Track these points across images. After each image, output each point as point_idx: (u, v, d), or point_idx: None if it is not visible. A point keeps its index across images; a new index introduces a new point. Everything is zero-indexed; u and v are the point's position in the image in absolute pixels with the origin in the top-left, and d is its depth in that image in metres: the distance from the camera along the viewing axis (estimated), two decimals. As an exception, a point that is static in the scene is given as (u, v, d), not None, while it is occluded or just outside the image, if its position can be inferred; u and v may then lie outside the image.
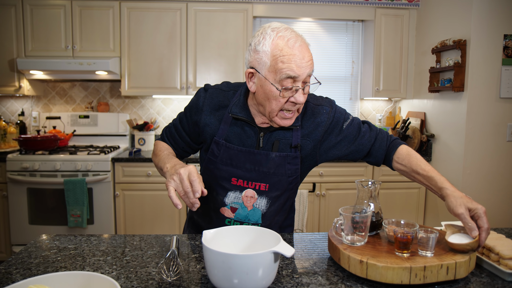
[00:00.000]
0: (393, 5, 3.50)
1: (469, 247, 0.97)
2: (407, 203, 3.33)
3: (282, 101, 1.15)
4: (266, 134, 1.27)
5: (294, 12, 3.53)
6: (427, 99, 3.37)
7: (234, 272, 0.86)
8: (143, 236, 1.34)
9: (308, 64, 1.13)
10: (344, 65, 3.90)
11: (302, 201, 3.19)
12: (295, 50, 1.11)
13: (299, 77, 1.11)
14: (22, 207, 3.04)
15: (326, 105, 1.33)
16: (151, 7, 3.32)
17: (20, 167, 3.00)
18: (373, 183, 1.15)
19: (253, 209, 1.29)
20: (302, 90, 1.14)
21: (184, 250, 1.21)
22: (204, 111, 1.30)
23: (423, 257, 0.96)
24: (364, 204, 1.15)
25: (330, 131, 1.31)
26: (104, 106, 3.66)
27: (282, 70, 1.10)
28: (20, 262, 1.13)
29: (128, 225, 3.18)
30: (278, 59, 1.11)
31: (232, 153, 1.27)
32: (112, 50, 3.33)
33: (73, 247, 1.24)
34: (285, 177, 1.28)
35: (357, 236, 1.05)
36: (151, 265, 1.10)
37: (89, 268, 1.09)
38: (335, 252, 1.05)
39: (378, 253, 0.99)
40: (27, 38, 3.27)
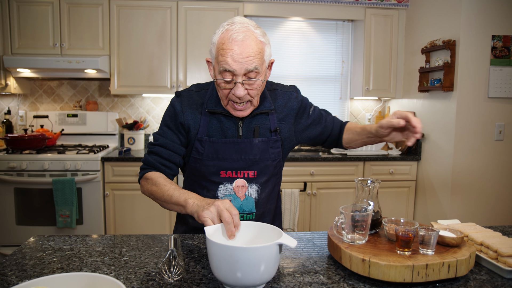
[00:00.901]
0: (382, 5, 3.54)
1: (455, 241, 1.01)
2: (397, 202, 3.37)
3: (225, 92, 1.22)
4: (244, 122, 1.32)
5: (284, 12, 3.54)
6: (416, 99, 3.41)
7: (242, 265, 0.87)
8: (139, 236, 1.32)
9: (247, 60, 1.15)
10: (334, 64, 3.92)
11: (293, 200, 3.20)
12: (234, 44, 1.15)
13: (236, 71, 1.16)
14: (9, 208, 2.98)
15: (293, 90, 1.44)
16: (141, 5, 3.28)
17: (7, 166, 2.94)
18: (373, 182, 1.15)
19: (246, 198, 1.34)
20: (242, 85, 1.18)
21: (182, 250, 1.20)
22: (185, 112, 1.32)
23: (424, 255, 0.97)
24: (364, 203, 1.16)
25: (300, 115, 1.42)
26: (93, 105, 3.61)
27: (220, 62, 1.17)
28: (15, 263, 1.10)
29: (118, 225, 3.14)
30: (219, 52, 1.18)
31: (217, 146, 1.30)
32: (101, 48, 3.28)
33: (69, 247, 1.22)
34: (270, 161, 1.35)
35: (357, 234, 1.06)
36: (150, 265, 1.09)
37: (86, 269, 1.07)
38: (336, 251, 1.06)
39: (379, 251, 1.00)
40: (14, 35, 3.20)
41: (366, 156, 3.27)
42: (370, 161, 3.29)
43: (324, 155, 3.31)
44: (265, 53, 1.22)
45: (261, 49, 1.19)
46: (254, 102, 1.26)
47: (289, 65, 3.87)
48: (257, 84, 1.21)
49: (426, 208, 3.24)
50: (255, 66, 1.17)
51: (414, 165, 3.35)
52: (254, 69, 1.17)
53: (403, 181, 3.35)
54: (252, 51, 1.16)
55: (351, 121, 3.92)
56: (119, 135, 3.66)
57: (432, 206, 3.16)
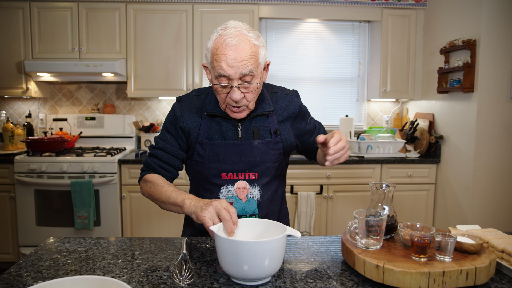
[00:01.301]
0: (400, 5, 3.48)
1: (473, 248, 0.97)
2: (415, 206, 3.30)
3: (222, 96, 1.23)
4: (243, 124, 1.33)
5: (300, 13, 3.52)
6: (435, 100, 3.33)
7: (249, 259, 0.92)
8: (153, 239, 1.33)
9: (241, 64, 1.16)
10: (351, 66, 3.88)
11: (309, 203, 3.17)
12: (227, 49, 1.15)
13: (231, 76, 1.17)
14: (30, 209, 3.05)
15: (293, 94, 1.43)
16: (157, 8, 3.32)
17: (28, 168, 3.01)
18: (388, 186, 1.13)
19: (248, 200, 1.34)
20: (238, 89, 1.19)
21: (194, 254, 1.20)
22: (185, 117, 1.35)
23: (441, 262, 0.94)
24: (378, 207, 1.13)
25: (299, 120, 1.42)
26: (110, 108, 3.66)
27: (216, 68, 1.18)
28: (31, 264, 1.12)
29: (135, 227, 3.17)
30: (214, 58, 1.19)
31: (217, 149, 1.32)
32: (118, 52, 3.32)
33: (83, 249, 1.23)
34: (271, 163, 1.35)
35: (372, 240, 1.03)
36: (162, 268, 1.09)
37: (99, 271, 1.07)
38: (350, 256, 1.03)
39: (394, 257, 0.97)
40: (34, 41, 3.27)
41: (384, 159, 3.22)
42: (387, 164, 3.23)
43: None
44: (260, 55, 1.22)
45: (255, 52, 1.19)
46: (250, 105, 1.27)
47: (305, 67, 3.84)
48: (253, 87, 1.22)
49: (446, 212, 3.16)
50: (249, 70, 1.17)
51: (433, 168, 3.27)
52: (249, 73, 1.18)
53: (422, 184, 3.28)
54: (246, 55, 1.16)
55: (369, 123, 3.88)
56: (136, 137, 3.70)
57: (453, 210, 3.08)
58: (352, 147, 3.43)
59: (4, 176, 3.06)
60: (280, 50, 3.81)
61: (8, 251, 3.14)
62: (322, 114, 3.89)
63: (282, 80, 3.84)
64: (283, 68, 3.83)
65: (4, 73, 3.29)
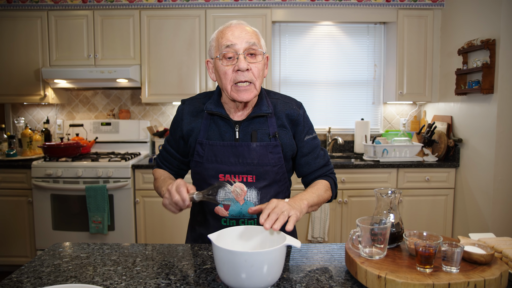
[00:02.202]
0: (416, 5, 3.40)
1: (483, 258, 0.91)
2: (433, 212, 3.20)
3: (228, 71, 1.25)
4: (241, 126, 1.34)
5: (313, 16, 3.48)
6: (453, 102, 3.23)
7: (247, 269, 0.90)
8: (155, 246, 1.32)
9: (245, 34, 1.24)
10: (366, 68, 3.81)
11: (323, 208, 3.11)
12: (232, 27, 1.26)
13: (236, 45, 1.23)
14: (46, 213, 3.10)
15: (293, 103, 1.42)
16: (170, 14, 3.34)
17: (44, 173, 3.06)
18: (393, 192, 1.08)
19: (245, 202, 1.33)
20: (244, 58, 1.23)
21: (195, 261, 1.18)
22: (184, 119, 1.39)
23: (448, 273, 0.89)
24: (384, 215, 1.09)
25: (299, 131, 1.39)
26: (125, 113, 3.71)
27: (221, 42, 1.25)
28: (32, 270, 1.13)
29: (148, 232, 3.19)
30: (219, 38, 1.27)
31: (215, 149, 1.33)
32: (132, 58, 3.36)
33: (85, 256, 1.23)
34: (270, 166, 1.33)
35: (375, 248, 0.99)
36: (161, 276, 1.07)
37: (98, 278, 1.07)
38: (352, 266, 0.99)
39: (398, 267, 0.93)
40: (52, 48, 3.35)
41: (400, 163, 3.13)
42: (404, 168, 3.15)
43: (356, 162, 3.21)
44: (261, 39, 1.31)
45: (256, 33, 1.30)
46: (257, 85, 1.28)
47: (320, 70, 3.80)
48: (258, 60, 1.27)
49: (466, 218, 3.05)
50: (254, 42, 1.25)
51: (452, 172, 3.17)
52: (253, 44, 1.24)
53: (440, 189, 3.18)
54: (249, 31, 1.27)
55: (385, 126, 3.79)
56: (150, 142, 3.73)
57: (473, 217, 2.97)
58: (367, 151, 3.36)
59: (22, 181, 3.13)
60: (293, 53, 3.78)
61: (26, 254, 3.20)
62: (338, 118, 3.83)
63: (296, 84, 3.80)
64: (297, 72, 3.80)
65: (24, 80, 3.38)
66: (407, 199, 3.17)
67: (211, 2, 3.36)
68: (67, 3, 3.33)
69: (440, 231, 3.20)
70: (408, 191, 3.16)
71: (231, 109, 1.36)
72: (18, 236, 3.19)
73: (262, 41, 1.31)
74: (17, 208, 3.16)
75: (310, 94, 3.82)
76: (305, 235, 3.20)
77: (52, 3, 3.34)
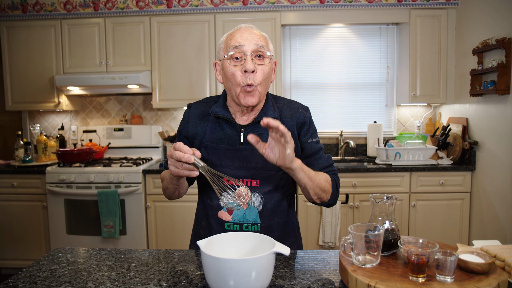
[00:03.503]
0: (429, 5, 3.32)
1: (480, 267, 0.86)
2: (449, 217, 3.10)
3: (236, 72, 1.24)
4: (246, 130, 1.33)
5: (324, 19, 3.45)
6: (469, 104, 3.14)
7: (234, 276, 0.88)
8: (152, 251, 1.31)
9: (254, 37, 1.26)
10: (379, 70, 3.75)
11: (334, 213, 3.07)
12: (241, 30, 1.29)
13: (244, 46, 1.24)
14: (60, 218, 3.16)
15: (300, 107, 1.41)
16: (180, 20, 3.37)
17: (58, 179, 3.13)
18: (389, 198, 1.05)
19: (249, 207, 1.32)
20: (251, 59, 1.23)
21: (189, 267, 1.17)
22: (190, 123, 1.40)
23: (441, 282, 0.85)
24: (379, 221, 1.05)
25: (303, 133, 1.37)
26: (138, 118, 3.75)
27: (230, 44, 1.26)
28: (29, 275, 1.14)
29: (160, 236, 3.20)
30: (228, 40, 1.29)
31: (220, 153, 1.32)
32: (143, 64, 3.41)
33: (82, 261, 1.24)
34: (274, 171, 1.32)
35: (368, 256, 0.96)
36: (153, 282, 1.07)
37: (91, 283, 1.07)
38: (344, 274, 0.96)
39: (390, 276, 0.89)
40: (65, 56, 3.43)
41: (413, 166, 3.06)
42: (417, 172, 3.07)
43: (369, 165, 3.16)
44: (269, 44, 1.32)
45: (265, 37, 1.31)
46: (259, 88, 1.27)
47: (331, 73, 3.76)
48: (265, 63, 1.27)
49: (483, 223, 2.95)
50: (262, 44, 1.26)
51: (467, 176, 3.07)
52: (261, 47, 1.25)
53: (456, 193, 3.09)
54: (258, 34, 1.29)
55: (399, 129, 3.72)
56: (162, 147, 3.76)
57: (490, 222, 2.87)
58: (379, 155, 3.30)
59: (37, 186, 3.20)
60: (304, 56, 3.75)
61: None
62: (350, 121, 3.78)
63: (307, 87, 3.77)
64: (308, 75, 3.77)
65: (39, 88, 3.46)
66: (421, 204, 3.09)
67: (220, 7, 3.37)
68: (80, 11, 3.41)
69: (456, 237, 3.10)
70: (421, 195, 3.08)
71: (236, 113, 1.35)
72: (35, 240, 3.26)
73: (271, 46, 1.32)
74: (33, 212, 3.24)
75: (321, 97, 3.78)
76: (316, 240, 3.16)
77: (65, 12, 3.42)
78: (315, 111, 3.79)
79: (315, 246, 3.16)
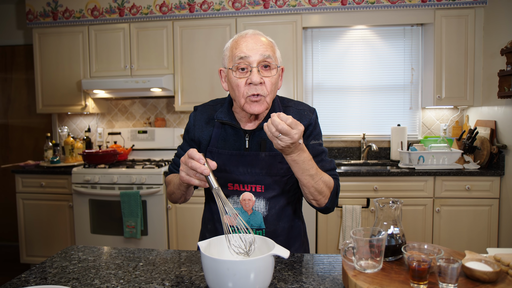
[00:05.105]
0: (455, 4, 3.22)
1: (486, 276, 0.82)
2: (476, 223, 2.98)
3: (241, 84, 1.22)
4: (251, 135, 1.32)
5: (346, 21, 3.41)
6: (497, 106, 3.01)
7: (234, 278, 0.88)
8: (160, 252, 1.33)
9: (260, 46, 1.22)
10: (403, 72, 3.66)
11: (354, 217, 3.01)
12: (247, 38, 1.25)
13: (250, 57, 1.21)
14: (85, 217, 3.26)
15: (306, 109, 1.38)
16: (202, 24, 3.42)
17: (83, 179, 3.23)
18: (394, 203, 1.02)
19: (253, 212, 1.31)
20: (258, 71, 1.21)
21: (194, 267, 1.18)
22: (196, 126, 1.39)
23: (443, 290, 0.82)
24: (384, 226, 1.03)
25: (309, 132, 1.35)
26: (161, 121, 3.82)
27: (235, 54, 1.23)
28: (41, 271, 1.18)
29: (180, 237, 3.25)
30: (233, 48, 1.26)
31: (225, 158, 1.32)
32: (166, 67, 3.47)
33: (93, 259, 1.27)
34: (279, 176, 1.30)
35: (370, 261, 0.94)
36: (157, 281, 1.08)
37: (97, 280, 1.10)
38: (345, 278, 0.95)
39: (390, 282, 0.87)
40: (92, 61, 3.55)
41: (437, 171, 2.96)
42: (441, 176, 2.97)
43: (391, 169, 3.08)
44: (276, 51, 1.29)
45: (272, 45, 1.28)
46: (268, 99, 1.26)
47: (354, 75, 3.70)
48: (272, 74, 1.24)
49: (512, 231, 2.81)
50: (268, 55, 1.23)
51: (496, 181, 2.94)
52: (267, 57, 1.22)
53: (483, 198, 2.96)
54: (264, 42, 1.25)
55: (424, 132, 3.62)
56: (184, 149, 3.80)
57: (519, 229, 2.73)
58: (402, 159, 3.22)
59: (63, 186, 3.32)
60: (326, 59, 3.72)
61: (67, 256, 3.37)
62: (373, 124, 3.71)
63: (329, 89, 3.73)
64: (330, 78, 3.73)
65: (67, 92, 3.60)
66: (445, 209, 2.99)
67: (241, 11, 3.40)
68: (106, 17, 3.52)
69: (483, 245, 2.97)
70: (446, 200, 2.98)
71: (242, 118, 1.34)
72: (61, 238, 3.38)
73: (278, 53, 1.30)
74: (59, 211, 3.36)
75: (344, 100, 3.73)
76: (336, 245, 3.11)
77: (92, 18, 3.54)
78: (337, 114, 3.74)
79: (335, 251, 3.11)
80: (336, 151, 3.74)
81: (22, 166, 3.47)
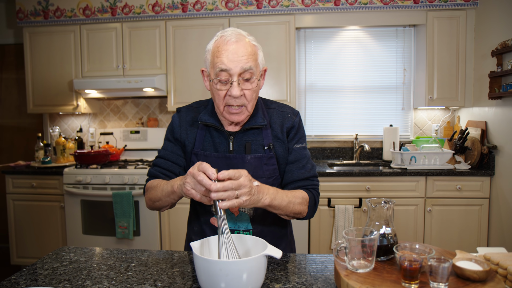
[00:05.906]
0: (446, 6, 3.25)
1: (476, 275, 0.84)
2: (466, 223, 3.01)
3: (221, 94, 1.22)
4: (235, 137, 1.31)
5: (339, 21, 3.42)
6: (488, 107, 3.05)
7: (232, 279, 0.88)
8: (153, 252, 1.33)
9: (242, 58, 1.18)
10: (395, 73, 3.68)
11: (347, 217, 3.03)
12: (228, 45, 1.19)
13: (231, 70, 1.18)
14: (77, 218, 3.23)
15: (289, 111, 1.38)
16: (195, 24, 3.41)
17: (75, 180, 3.20)
18: (386, 203, 1.03)
19: (240, 214, 1.31)
20: (238, 84, 1.19)
21: (186, 268, 1.18)
22: (182, 127, 1.37)
23: (434, 289, 0.82)
24: (376, 226, 1.03)
25: (293, 136, 1.35)
26: (154, 121, 3.81)
27: (216, 64, 1.19)
28: (32, 273, 1.17)
29: (173, 237, 3.23)
30: (214, 55, 1.21)
31: (210, 160, 1.30)
32: (158, 67, 3.46)
33: (84, 260, 1.26)
34: (265, 178, 1.30)
35: (362, 261, 0.94)
36: (149, 282, 1.08)
37: (89, 282, 1.09)
38: (337, 278, 0.95)
39: (382, 281, 0.87)
40: (84, 60, 3.52)
41: (429, 171, 2.99)
42: (433, 176, 2.99)
43: (383, 170, 3.10)
44: (259, 56, 1.26)
45: (254, 51, 1.23)
46: (249, 107, 1.26)
47: (346, 76, 3.72)
48: (252, 86, 1.23)
49: (502, 230, 2.85)
50: (250, 66, 1.20)
51: (486, 181, 2.97)
52: (249, 69, 1.20)
53: (473, 198, 2.99)
54: (246, 51, 1.20)
55: (416, 132, 3.65)
56: (177, 150, 3.79)
57: (510, 229, 2.76)
58: (394, 159, 3.24)
59: (55, 187, 3.29)
60: (319, 59, 3.73)
61: (58, 257, 3.34)
62: (365, 124, 3.73)
63: (322, 90, 3.74)
64: (323, 78, 3.74)
65: (58, 91, 3.57)
66: (436, 209, 3.01)
67: (234, 11, 3.39)
68: (98, 16, 3.49)
69: (474, 244, 3.00)
70: (438, 200, 3.00)
71: (225, 121, 1.33)
72: (52, 239, 3.35)
73: (260, 57, 1.26)
74: (51, 212, 3.33)
75: (336, 100, 3.75)
76: (328, 244, 3.12)
77: (84, 17, 3.51)
78: (330, 114, 3.76)
79: (327, 250, 3.12)
80: (329, 151, 3.75)
81: (12, 166, 3.43)
